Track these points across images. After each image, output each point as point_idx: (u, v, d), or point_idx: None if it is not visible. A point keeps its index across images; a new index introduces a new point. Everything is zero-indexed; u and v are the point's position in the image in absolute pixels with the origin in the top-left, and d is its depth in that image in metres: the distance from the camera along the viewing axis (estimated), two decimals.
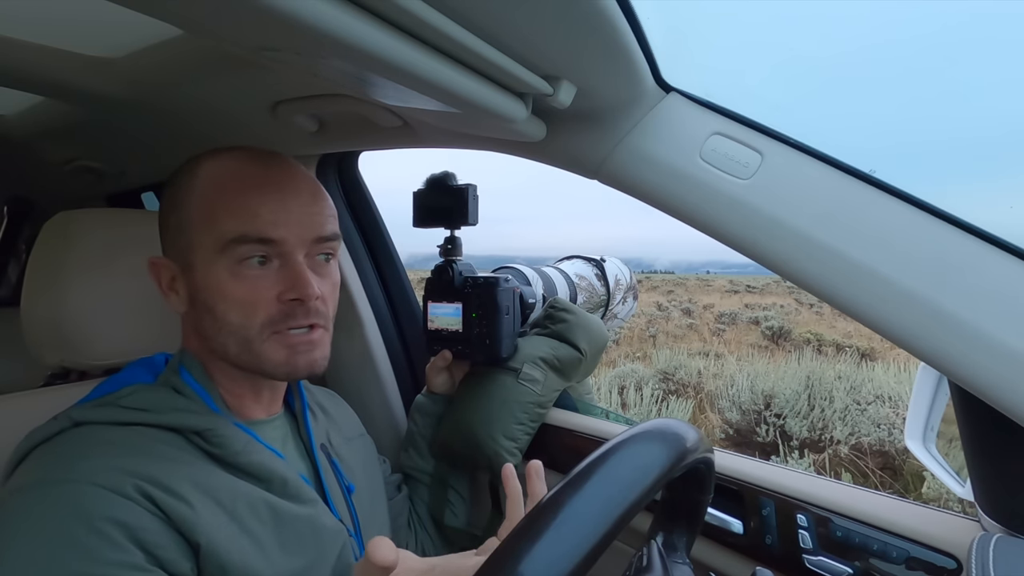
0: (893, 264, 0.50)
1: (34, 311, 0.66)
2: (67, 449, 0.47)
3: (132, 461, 0.46)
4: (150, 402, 0.52)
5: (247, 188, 0.52)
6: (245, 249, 0.51)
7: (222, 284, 0.51)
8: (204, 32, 0.42)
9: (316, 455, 0.62)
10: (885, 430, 4.01)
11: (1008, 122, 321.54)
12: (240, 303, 0.52)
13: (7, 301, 1.59)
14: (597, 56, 0.50)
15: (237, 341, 0.53)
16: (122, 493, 0.43)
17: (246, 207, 0.51)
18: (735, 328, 12.43)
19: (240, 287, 0.51)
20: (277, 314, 0.52)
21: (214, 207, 0.52)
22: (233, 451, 0.52)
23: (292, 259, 0.53)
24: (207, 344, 0.55)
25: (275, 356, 0.53)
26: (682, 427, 0.41)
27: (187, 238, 0.53)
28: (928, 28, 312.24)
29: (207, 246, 0.51)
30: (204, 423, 0.52)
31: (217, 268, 0.51)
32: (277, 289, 0.52)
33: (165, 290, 0.56)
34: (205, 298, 0.52)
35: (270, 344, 0.53)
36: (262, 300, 0.52)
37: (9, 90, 0.78)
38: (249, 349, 0.53)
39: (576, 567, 0.30)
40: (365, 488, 0.68)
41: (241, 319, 0.52)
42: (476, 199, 0.84)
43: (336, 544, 0.57)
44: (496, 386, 0.85)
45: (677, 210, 0.59)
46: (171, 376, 0.56)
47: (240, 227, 0.51)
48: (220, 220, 0.51)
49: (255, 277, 0.52)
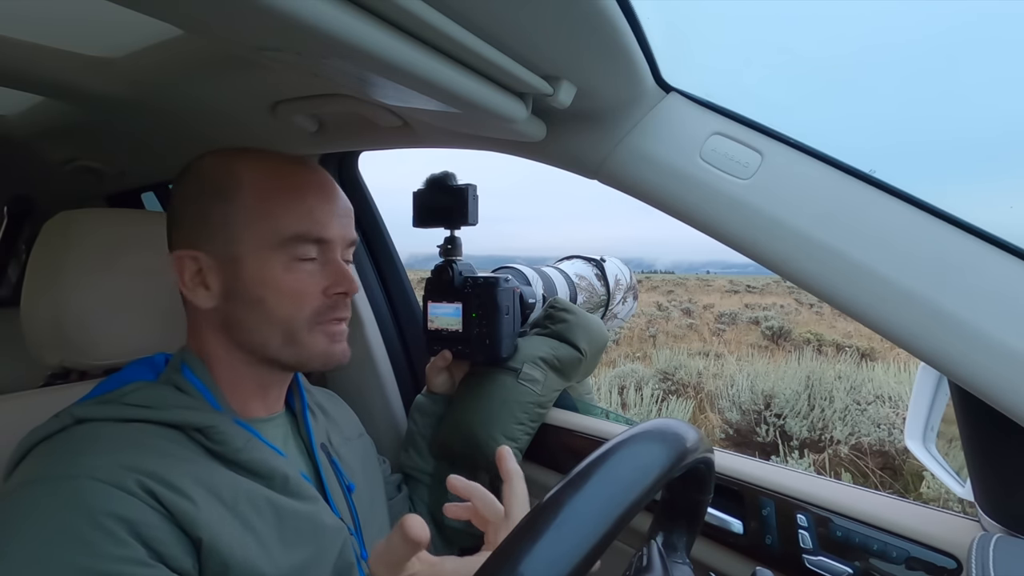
0: (893, 264, 0.50)
1: (34, 311, 0.66)
2: (69, 446, 0.48)
3: (134, 457, 0.46)
4: (152, 399, 0.52)
5: (302, 189, 0.56)
6: (302, 247, 0.56)
7: (276, 277, 0.55)
8: (204, 32, 0.42)
9: (316, 454, 0.62)
10: (885, 430, 4.01)
11: (1008, 122, 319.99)
12: (291, 296, 0.55)
13: (7, 301, 1.59)
14: (597, 56, 0.50)
15: (283, 332, 0.56)
16: (124, 488, 0.44)
17: (303, 207, 0.56)
18: (735, 328, 12.43)
19: (293, 281, 0.55)
20: (322, 307, 0.57)
21: (271, 205, 0.55)
22: (234, 448, 0.52)
23: (334, 257, 0.58)
24: (240, 338, 0.56)
25: (318, 346, 0.57)
26: (682, 427, 0.41)
27: (234, 232, 0.54)
28: (928, 29, 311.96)
29: (262, 241, 0.54)
30: (206, 420, 0.52)
31: (272, 262, 0.54)
32: (324, 284, 0.57)
33: (189, 285, 0.55)
34: (254, 291, 0.54)
35: (314, 335, 0.57)
36: (309, 294, 0.56)
37: (9, 90, 0.79)
38: (294, 340, 0.56)
39: (576, 567, 0.30)
40: (365, 488, 0.68)
41: (290, 311, 0.56)
42: (476, 199, 0.84)
43: (337, 541, 0.57)
44: (496, 386, 0.85)
45: (677, 210, 0.59)
46: (173, 374, 0.56)
47: (298, 226, 0.55)
48: (278, 217, 0.54)
49: (307, 272, 0.56)
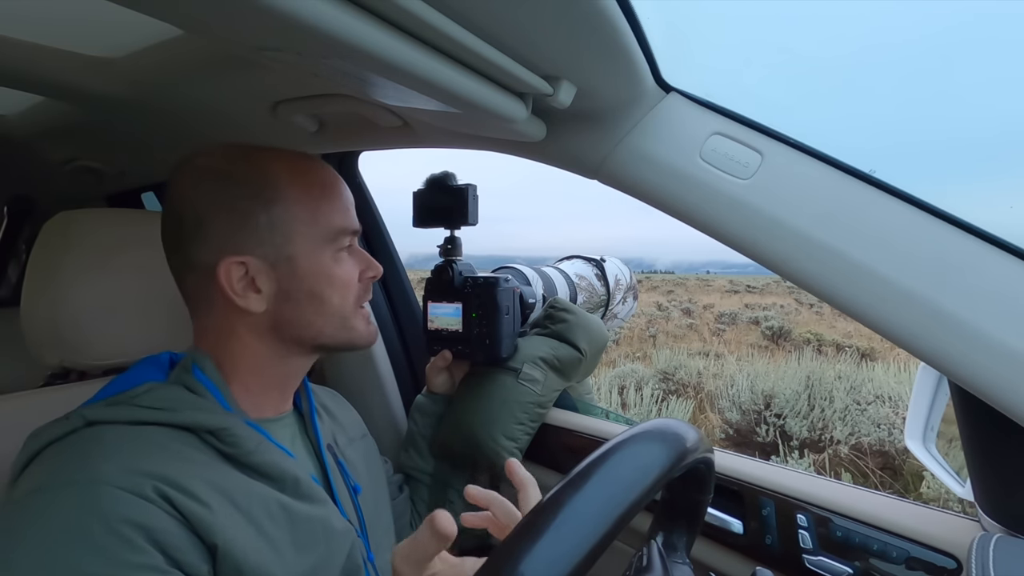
0: (893, 264, 0.50)
1: (34, 311, 0.66)
2: (81, 449, 0.47)
3: (149, 462, 0.46)
4: (164, 400, 0.51)
5: (331, 185, 0.60)
6: (343, 239, 0.60)
7: (329, 270, 0.58)
8: (204, 32, 0.42)
9: (324, 455, 0.62)
10: (885, 430, 4.01)
11: (1008, 122, 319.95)
12: (342, 285, 0.59)
13: (7, 301, 1.59)
14: (597, 56, 0.50)
15: (336, 320, 0.59)
16: (141, 495, 0.43)
17: (340, 202, 0.60)
18: (735, 328, 12.43)
19: (342, 271, 0.60)
20: (361, 291, 0.63)
21: (319, 203, 0.58)
22: (246, 450, 0.52)
23: (356, 246, 0.63)
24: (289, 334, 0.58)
25: (362, 327, 0.62)
26: (682, 427, 0.41)
27: (285, 233, 0.56)
28: (928, 29, 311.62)
29: (314, 237, 0.57)
30: (218, 422, 0.51)
31: (324, 257, 0.58)
32: (358, 270, 0.62)
33: (238, 291, 0.55)
34: (311, 286, 0.57)
35: (358, 318, 0.62)
36: (353, 281, 0.61)
37: (9, 90, 0.78)
38: (346, 325, 0.60)
39: (576, 567, 0.30)
40: (370, 489, 0.68)
41: (341, 299, 0.60)
42: (476, 199, 0.84)
43: (345, 544, 0.56)
44: (496, 386, 0.85)
45: (677, 210, 0.59)
46: (183, 375, 0.55)
47: (342, 220, 0.59)
48: (326, 214, 0.58)
49: (348, 262, 0.61)
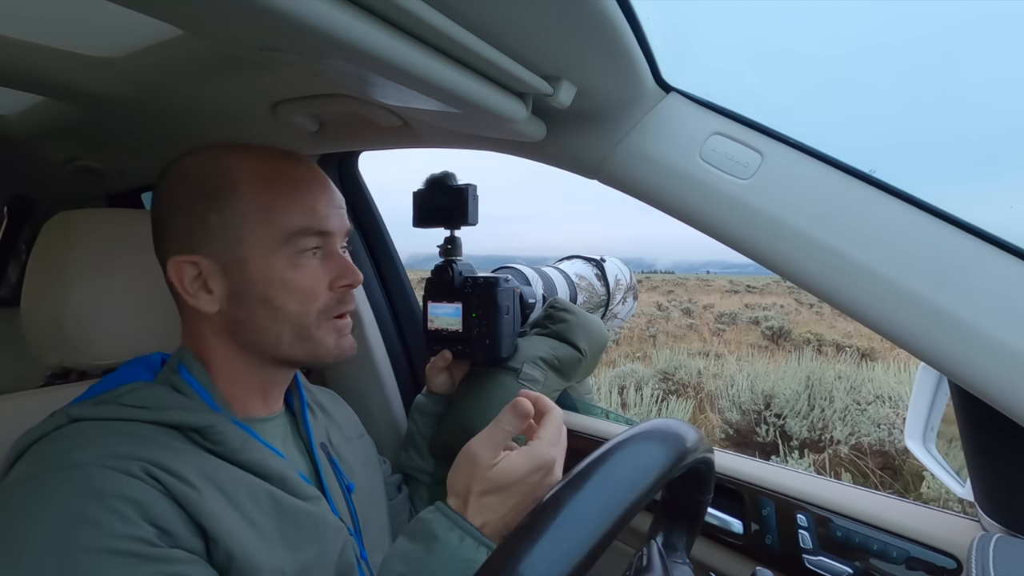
0: (893, 264, 0.50)
1: (34, 311, 0.66)
2: (65, 442, 0.47)
3: (135, 449, 0.46)
4: (149, 399, 0.52)
5: (299, 183, 0.56)
6: (306, 241, 0.55)
7: (283, 274, 0.54)
8: (204, 32, 0.42)
9: (316, 454, 0.62)
10: (885, 430, 4.01)
11: (1008, 122, 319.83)
12: (300, 292, 0.55)
13: (7, 301, 1.59)
14: (597, 56, 0.50)
15: (294, 329, 0.56)
16: (130, 473, 0.44)
17: (304, 201, 0.55)
18: (735, 328, 12.43)
19: (300, 276, 0.55)
20: (332, 301, 0.57)
21: (271, 202, 0.54)
22: (232, 448, 0.52)
23: (335, 250, 0.58)
24: (247, 339, 0.56)
25: (328, 341, 0.57)
26: (682, 427, 0.41)
27: (236, 233, 0.53)
28: (928, 28, 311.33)
29: (265, 239, 0.54)
30: (203, 420, 0.52)
31: (277, 260, 0.54)
32: (329, 278, 0.57)
33: (190, 290, 0.54)
34: (261, 290, 0.54)
35: (324, 330, 0.57)
36: (318, 289, 0.56)
37: (9, 90, 0.78)
38: (306, 336, 0.56)
39: (576, 567, 0.30)
40: (365, 487, 0.68)
41: (299, 307, 0.55)
42: (476, 199, 0.84)
43: (338, 541, 0.56)
44: (496, 386, 0.84)
45: (677, 210, 0.59)
46: (170, 375, 0.56)
47: (302, 220, 0.55)
48: (279, 214, 0.54)
49: (312, 267, 0.56)
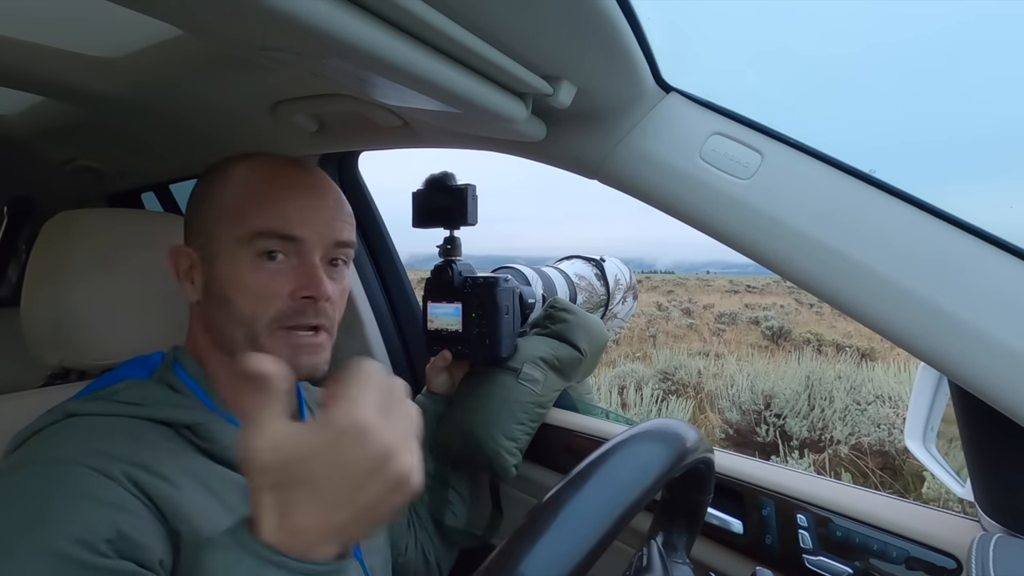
0: (893, 264, 0.50)
1: (34, 311, 0.66)
2: (58, 438, 0.48)
3: (122, 446, 0.47)
4: (142, 396, 0.52)
5: (278, 187, 0.55)
6: (267, 243, 0.53)
7: (241, 275, 0.53)
8: (204, 32, 0.42)
9: None
10: (885, 430, 4.01)
11: (1008, 122, 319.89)
12: (254, 294, 0.53)
13: (7, 301, 1.59)
14: (597, 56, 0.50)
15: (245, 333, 0.54)
16: (109, 475, 0.44)
17: (275, 204, 0.54)
18: (735, 328, 12.43)
19: (257, 279, 0.53)
20: (288, 310, 0.54)
21: (245, 202, 0.54)
22: (223, 446, 0.52)
23: (309, 258, 0.55)
24: (215, 336, 0.56)
25: (279, 353, 0.53)
26: (682, 427, 0.41)
27: (213, 229, 0.55)
28: (928, 28, 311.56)
29: (233, 238, 0.54)
30: (195, 418, 0.52)
31: (238, 259, 0.53)
32: (291, 286, 0.54)
33: (181, 278, 0.57)
34: (222, 288, 0.54)
35: (274, 340, 0.54)
36: (275, 295, 0.54)
37: (9, 90, 0.78)
38: (256, 343, 0.54)
39: (576, 567, 0.30)
40: None
41: (252, 311, 0.53)
42: (475, 199, 0.84)
43: None
44: (496, 386, 0.85)
45: (677, 210, 0.59)
46: (165, 372, 0.56)
47: (267, 222, 0.53)
48: (249, 214, 0.54)
49: (272, 272, 0.54)
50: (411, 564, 0.79)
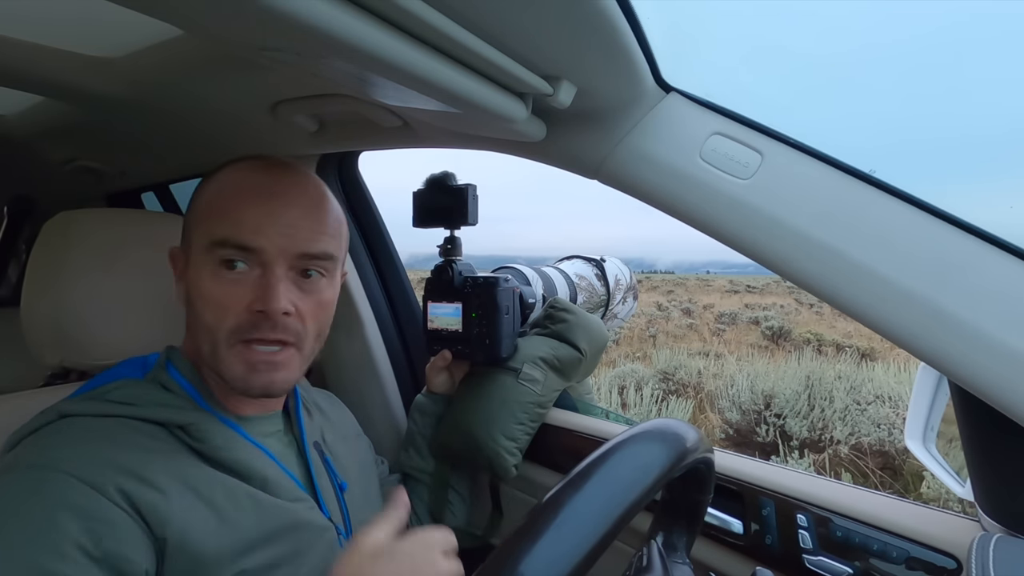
0: (893, 264, 0.50)
1: (34, 311, 0.66)
2: (49, 440, 0.48)
3: (110, 451, 0.47)
4: (135, 396, 0.53)
5: (242, 194, 0.53)
6: (224, 252, 0.52)
7: (203, 283, 0.53)
8: (204, 32, 0.42)
9: (308, 452, 0.62)
10: (885, 430, 4.01)
11: (1009, 121, 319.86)
12: (214, 305, 0.52)
13: (7, 301, 1.59)
14: (597, 56, 0.50)
15: (208, 342, 0.53)
16: (93, 484, 0.43)
17: (234, 212, 0.52)
18: (735, 328, 12.43)
19: (216, 289, 0.52)
20: (245, 323, 0.52)
21: (210, 209, 0.54)
22: (214, 446, 0.52)
23: (269, 270, 0.53)
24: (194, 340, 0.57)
25: (234, 368, 0.53)
26: (682, 427, 0.41)
27: (190, 234, 0.56)
28: (928, 27, 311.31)
29: (199, 245, 0.54)
30: (187, 418, 0.52)
31: (202, 267, 0.53)
32: (249, 298, 0.52)
33: (177, 280, 0.58)
34: (191, 294, 0.55)
35: (232, 354, 0.53)
36: (233, 306, 0.52)
37: (9, 90, 0.79)
38: (215, 353, 0.53)
39: (576, 567, 0.30)
40: (358, 487, 0.68)
41: (213, 321, 0.52)
42: (476, 199, 0.84)
43: (321, 541, 0.56)
44: (496, 386, 0.85)
45: (677, 210, 0.59)
46: (159, 372, 0.57)
47: (224, 231, 0.52)
48: (210, 222, 0.53)
49: (231, 282, 0.52)
50: None
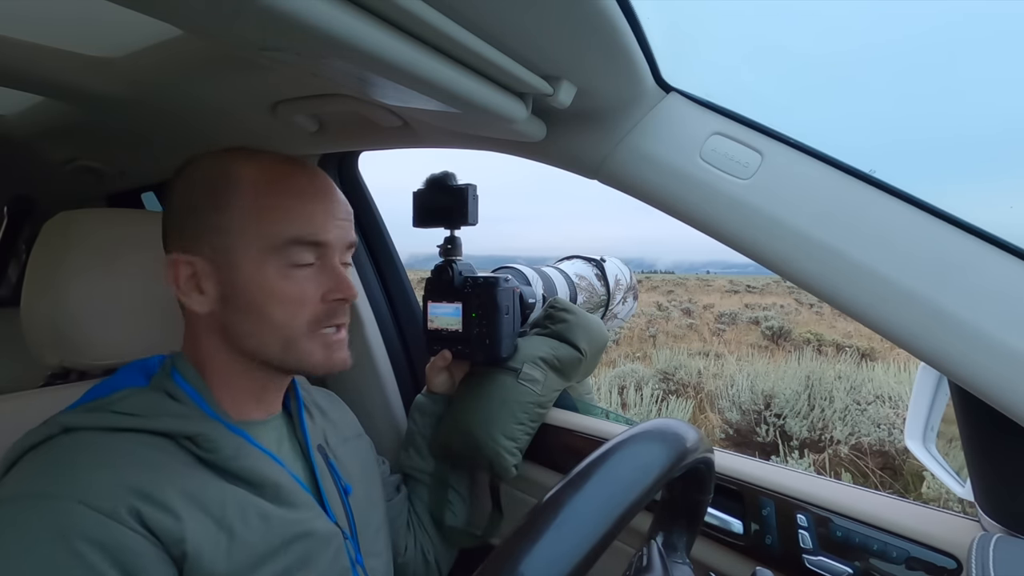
0: (893, 264, 0.50)
1: (34, 311, 0.66)
2: (55, 458, 0.47)
3: (120, 471, 0.46)
4: (141, 407, 0.51)
5: (300, 193, 0.56)
6: (298, 251, 0.54)
7: (272, 283, 0.54)
8: (204, 32, 0.42)
9: (312, 456, 0.62)
10: (885, 430, 4.01)
11: (1008, 121, 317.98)
12: (288, 302, 0.54)
13: (7, 301, 1.59)
14: (597, 56, 0.50)
15: (280, 339, 0.55)
16: (108, 513, 0.43)
17: (302, 211, 0.55)
18: (735, 328, 12.43)
19: (290, 287, 0.54)
20: (321, 313, 0.56)
21: (267, 208, 0.54)
22: (225, 456, 0.52)
23: (332, 262, 0.57)
24: (236, 343, 0.56)
25: (316, 354, 0.57)
26: (682, 427, 0.41)
27: (231, 239, 0.54)
28: (929, 27, 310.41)
29: (258, 247, 0.53)
30: (195, 428, 0.51)
31: (267, 268, 0.54)
32: (321, 289, 0.56)
33: (183, 289, 0.55)
34: (250, 297, 0.54)
35: (311, 342, 0.56)
36: (308, 300, 0.55)
37: (9, 90, 0.78)
38: (293, 347, 0.55)
39: (576, 567, 0.30)
40: (362, 489, 0.68)
41: (287, 318, 0.55)
42: (476, 199, 0.84)
43: (329, 548, 0.56)
44: (496, 386, 0.85)
45: (677, 210, 0.59)
46: (164, 380, 0.55)
47: (296, 230, 0.54)
48: (274, 221, 0.54)
49: (303, 278, 0.55)
50: (410, 564, 0.79)
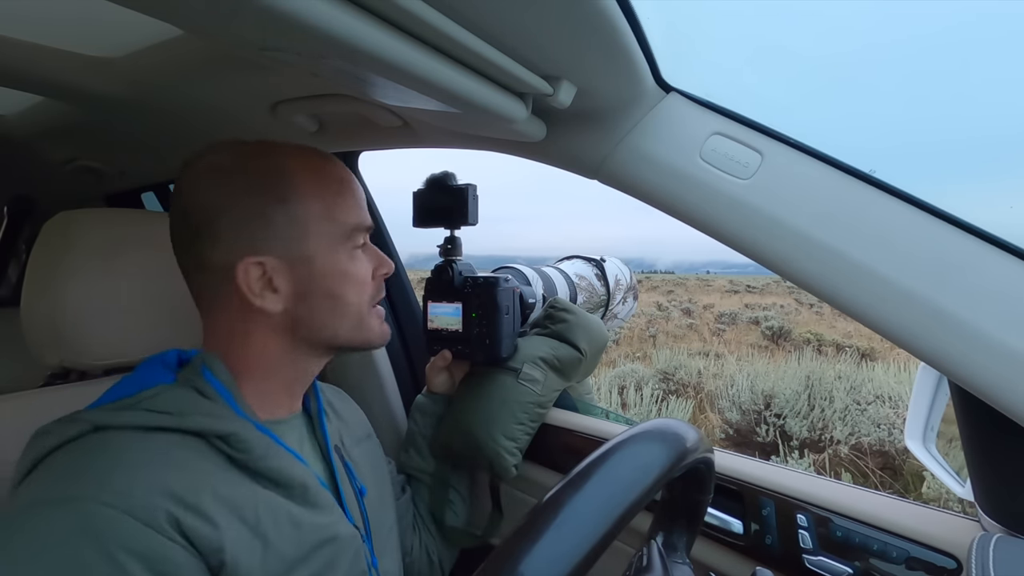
0: (893, 264, 0.50)
1: (34, 311, 0.66)
2: (86, 460, 0.45)
3: (155, 474, 0.45)
4: (174, 404, 0.50)
5: (345, 182, 0.60)
6: (358, 236, 0.59)
7: (345, 267, 0.58)
8: (204, 32, 0.42)
9: (332, 457, 0.62)
10: (885, 430, 4.01)
11: (1009, 121, 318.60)
12: (358, 282, 0.59)
13: (7, 301, 1.59)
14: (597, 56, 0.50)
15: (352, 318, 0.59)
16: (144, 520, 0.42)
17: (355, 199, 0.60)
18: (735, 328, 12.43)
19: (358, 268, 0.59)
20: (375, 290, 0.62)
21: (335, 200, 0.57)
22: (256, 456, 0.51)
23: (368, 243, 0.62)
24: (306, 335, 0.57)
25: (374, 328, 0.62)
26: (682, 427, 0.41)
27: (303, 231, 0.55)
28: (929, 27, 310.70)
29: (330, 235, 0.57)
30: (228, 427, 0.50)
31: (341, 255, 0.58)
32: (372, 268, 0.61)
33: (255, 291, 0.54)
34: (328, 285, 0.57)
35: (371, 318, 0.61)
36: (368, 279, 0.61)
37: (9, 90, 0.79)
38: (361, 324, 0.60)
39: (576, 567, 0.30)
40: (375, 490, 0.68)
41: (358, 297, 0.59)
42: (476, 199, 0.84)
43: (350, 550, 0.56)
44: (496, 386, 0.85)
45: (677, 210, 0.59)
46: (194, 377, 0.54)
47: (356, 217, 0.59)
48: (341, 211, 0.58)
49: (363, 259, 0.60)
50: (416, 564, 0.79)
